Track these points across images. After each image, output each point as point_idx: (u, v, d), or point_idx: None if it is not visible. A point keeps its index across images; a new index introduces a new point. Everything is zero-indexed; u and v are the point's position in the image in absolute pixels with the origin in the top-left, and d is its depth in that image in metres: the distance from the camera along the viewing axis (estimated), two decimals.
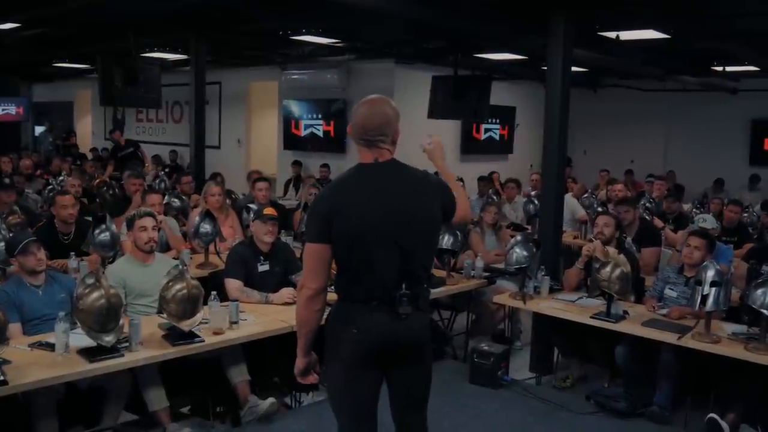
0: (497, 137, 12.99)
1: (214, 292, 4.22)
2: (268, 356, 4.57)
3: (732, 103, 12.33)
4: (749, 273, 5.33)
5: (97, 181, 8.95)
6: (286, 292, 4.81)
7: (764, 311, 4.17)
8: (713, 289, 4.32)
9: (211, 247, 5.77)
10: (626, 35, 7.21)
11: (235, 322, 4.20)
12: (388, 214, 2.73)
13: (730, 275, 4.98)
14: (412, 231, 2.75)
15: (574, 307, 5.06)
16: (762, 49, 8.48)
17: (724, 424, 4.33)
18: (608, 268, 4.77)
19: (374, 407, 2.92)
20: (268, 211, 5.11)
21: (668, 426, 4.63)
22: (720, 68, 9.95)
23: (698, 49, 8.92)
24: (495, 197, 8.86)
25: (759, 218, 8.30)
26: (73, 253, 5.27)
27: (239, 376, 4.34)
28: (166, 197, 7.04)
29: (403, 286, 2.73)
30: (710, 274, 4.35)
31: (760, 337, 4.24)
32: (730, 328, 4.58)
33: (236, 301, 4.36)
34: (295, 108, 12.37)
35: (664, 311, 4.86)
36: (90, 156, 14.18)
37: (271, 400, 4.37)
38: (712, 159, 12.37)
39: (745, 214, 7.88)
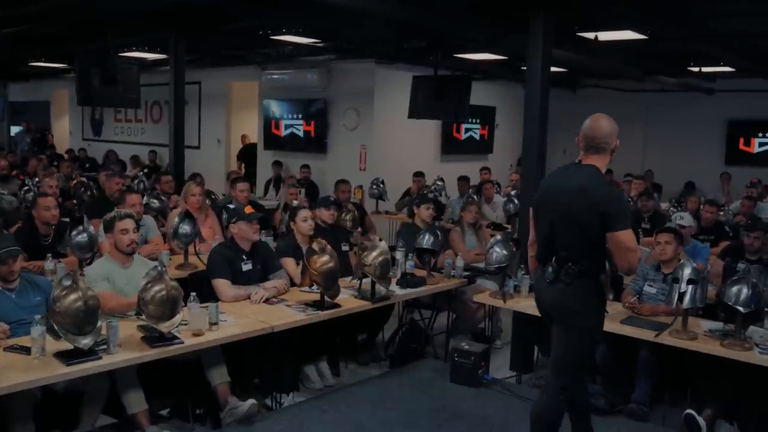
0: (477, 137, 13.02)
1: (193, 294, 4.20)
2: (248, 357, 4.56)
3: (708, 104, 12.46)
4: (725, 270, 5.41)
5: (74, 181, 8.88)
6: (280, 281, 4.99)
7: (739, 308, 4.23)
8: (690, 286, 4.38)
9: (191, 248, 5.74)
10: (605, 36, 7.25)
11: (215, 324, 4.18)
12: (552, 198, 3.56)
13: (707, 273, 5.06)
14: (560, 220, 3.48)
15: None
16: (737, 50, 8.58)
17: (700, 420, 4.37)
18: None
19: None
20: (250, 209, 5.11)
21: (646, 423, 4.68)
22: (697, 69, 10.05)
23: (675, 50, 9.01)
24: (475, 196, 8.90)
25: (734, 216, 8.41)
26: (49, 254, 5.22)
27: (219, 377, 4.33)
28: (145, 198, 6.99)
29: (553, 258, 3.52)
30: (687, 271, 4.41)
31: (736, 333, 4.30)
32: (707, 324, 4.65)
33: (217, 302, 4.34)
34: (276, 108, 12.32)
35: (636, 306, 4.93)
36: (66, 156, 14.01)
37: (251, 401, 4.35)
38: (689, 158, 12.48)
39: (721, 213, 7.97)
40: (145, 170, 11.75)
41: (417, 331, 5.95)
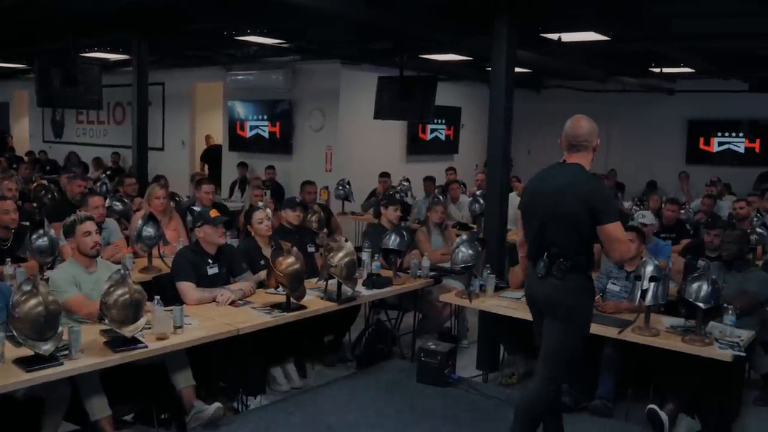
0: (443, 137, 13.08)
1: (157, 297, 4.15)
2: (213, 360, 4.52)
3: (669, 104, 12.70)
4: (686, 268, 5.51)
5: (35, 184, 8.72)
6: (246, 283, 4.97)
7: (699, 304, 4.31)
8: (652, 284, 4.44)
9: (155, 251, 5.68)
10: (568, 37, 7.32)
11: (180, 327, 4.13)
12: (540, 198, 3.69)
13: (668, 270, 5.14)
14: (551, 215, 3.60)
15: (518, 304, 5.11)
16: (696, 52, 8.74)
17: (663, 415, 4.45)
18: None
19: None
20: (215, 212, 5.08)
21: (611, 418, 4.75)
22: (658, 69, 10.21)
23: (637, 51, 9.15)
24: (441, 197, 8.94)
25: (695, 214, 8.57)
26: (9, 259, 5.12)
27: (184, 381, 4.28)
28: (108, 200, 6.89)
29: (544, 254, 3.63)
30: (649, 269, 4.48)
31: (697, 329, 4.37)
32: (669, 321, 4.72)
33: (182, 305, 4.30)
34: (241, 109, 12.23)
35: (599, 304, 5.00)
36: (26, 159, 13.73)
37: (216, 405, 4.32)
38: (651, 158, 12.70)
39: (683, 211, 8.10)
40: (108, 172, 11.57)
41: (383, 332, 5.95)
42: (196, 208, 6.25)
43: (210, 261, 4.95)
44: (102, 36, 9.13)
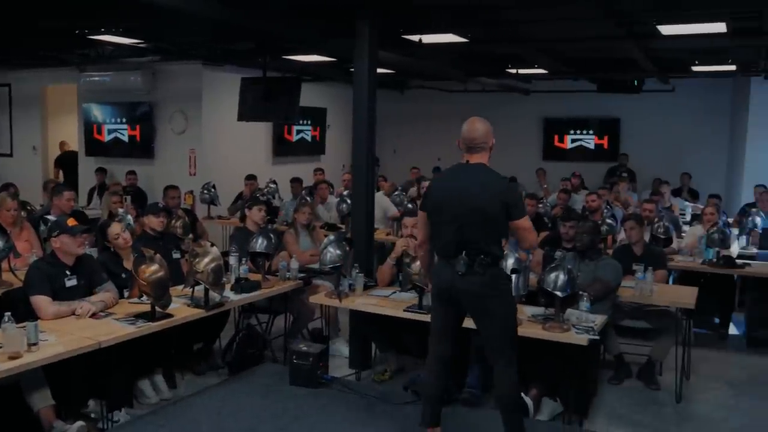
0: (309, 138, 13.07)
1: (8, 313, 3.88)
2: (74, 377, 4.29)
3: (526, 103, 13.33)
4: (544, 259, 5.79)
5: None
6: (108, 294, 4.73)
7: (557, 293, 4.54)
8: (514, 276, 4.61)
9: (5, 264, 5.32)
10: (428, 39, 7.52)
11: (35, 344, 3.88)
12: (453, 198, 3.84)
13: (528, 262, 5.39)
14: (467, 214, 3.78)
15: (388, 302, 5.22)
16: (548, 53, 9.21)
17: (527, 400, 4.67)
18: (418, 263, 4.95)
19: (449, 333, 4.06)
20: (72, 221, 4.82)
21: (480, 408, 4.91)
22: (514, 71, 10.67)
23: (494, 53, 9.52)
24: (308, 198, 8.94)
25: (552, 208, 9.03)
26: None
27: (42, 401, 4.06)
28: None
29: (463, 252, 3.78)
30: (510, 262, 4.66)
31: (555, 317, 4.61)
32: (530, 310, 4.94)
33: (37, 320, 4.05)
34: (97, 112, 11.67)
35: None
36: None
37: (79, 423, 4.12)
38: (511, 155, 13.18)
39: (540, 206, 8.52)
40: None
41: (254, 336, 5.88)
42: (51, 217, 5.91)
43: (68, 272, 4.68)
44: None
